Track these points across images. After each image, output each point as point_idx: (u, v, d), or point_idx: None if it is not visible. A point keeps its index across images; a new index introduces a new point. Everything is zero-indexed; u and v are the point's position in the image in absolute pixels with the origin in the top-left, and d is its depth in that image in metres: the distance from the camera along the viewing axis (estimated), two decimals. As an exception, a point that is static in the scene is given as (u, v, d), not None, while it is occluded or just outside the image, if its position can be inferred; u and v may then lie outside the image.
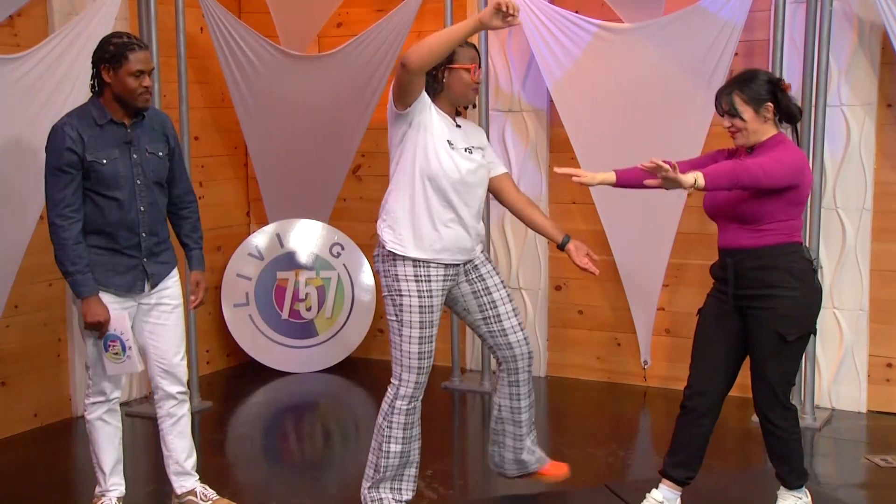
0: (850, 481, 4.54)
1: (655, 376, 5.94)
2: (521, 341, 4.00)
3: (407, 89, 3.62)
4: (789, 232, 3.65)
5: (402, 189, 3.76)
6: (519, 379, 4.03)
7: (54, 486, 4.56)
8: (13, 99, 4.67)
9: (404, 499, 3.94)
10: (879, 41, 5.14)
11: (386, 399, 3.89)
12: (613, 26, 5.49)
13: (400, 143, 3.75)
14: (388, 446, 3.86)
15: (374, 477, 3.92)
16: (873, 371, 5.40)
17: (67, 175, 3.75)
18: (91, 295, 3.78)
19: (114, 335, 3.88)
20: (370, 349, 6.53)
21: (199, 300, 4.17)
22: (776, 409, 3.71)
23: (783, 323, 3.62)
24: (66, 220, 3.76)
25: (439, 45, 3.48)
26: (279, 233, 6.49)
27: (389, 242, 3.79)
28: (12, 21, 5.04)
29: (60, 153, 3.74)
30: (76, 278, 3.78)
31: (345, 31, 6.41)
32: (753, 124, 3.66)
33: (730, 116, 3.68)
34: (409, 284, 3.76)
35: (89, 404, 3.98)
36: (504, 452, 4.13)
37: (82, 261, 3.78)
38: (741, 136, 3.69)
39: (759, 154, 3.64)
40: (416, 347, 3.79)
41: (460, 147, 3.78)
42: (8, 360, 5.15)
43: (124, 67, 3.75)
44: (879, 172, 5.29)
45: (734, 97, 3.67)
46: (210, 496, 4.11)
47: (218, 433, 5.36)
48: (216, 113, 6.39)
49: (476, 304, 3.95)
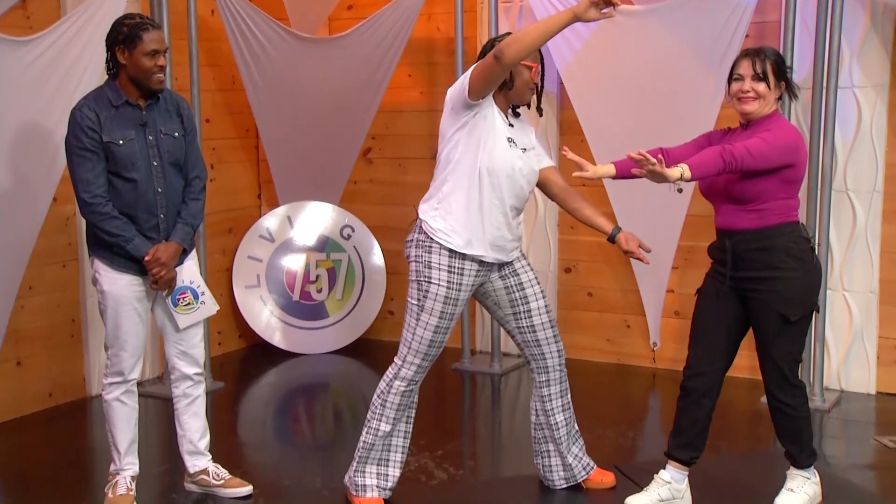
0: (860, 462, 4.56)
1: (665, 358, 5.96)
2: (551, 339, 3.95)
3: (492, 81, 3.54)
4: (786, 211, 3.63)
5: (461, 182, 3.68)
6: (549, 379, 3.98)
7: (69, 465, 4.59)
8: (26, 81, 4.68)
9: (388, 486, 3.92)
10: (892, 22, 5.14)
11: (385, 377, 3.87)
12: (625, 8, 5.37)
13: (459, 130, 3.66)
14: (379, 424, 3.85)
15: (357, 457, 3.91)
16: (883, 353, 5.40)
17: (93, 154, 3.78)
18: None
19: (183, 287, 3.97)
20: (381, 331, 6.58)
21: (154, 278, 3.86)
22: (785, 388, 3.72)
23: (786, 304, 3.62)
24: (101, 198, 3.80)
25: (536, 40, 3.39)
26: (290, 215, 6.52)
27: (438, 231, 3.71)
28: (25, 4, 5.05)
29: (82, 134, 3.77)
30: (135, 243, 3.82)
31: (355, 14, 6.43)
32: (771, 95, 3.63)
33: (757, 80, 3.62)
34: (441, 274, 3.71)
35: (107, 384, 4.00)
36: (548, 460, 4.07)
37: (130, 226, 3.83)
38: (756, 103, 3.63)
39: (754, 131, 3.62)
40: (430, 335, 3.76)
41: (519, 146, 3.74)
42: (23, 341, 5.18)
43: (139, 48, 3.76)
44: (890, 154, 5.27)
45: (768, 63, 3.62)
46: (222, 476, 4.15)
47: (230, 413, 5.41)
48: (227, 95, 6.42)
49: (508, 299, 3.91)
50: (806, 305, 3.67)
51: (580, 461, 4.08)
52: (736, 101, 3.71)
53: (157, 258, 3.84)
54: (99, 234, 3.85)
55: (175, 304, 3.98)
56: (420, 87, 6.48)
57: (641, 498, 3.84)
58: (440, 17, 6.27)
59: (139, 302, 3.93)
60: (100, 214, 3.80)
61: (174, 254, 3.92)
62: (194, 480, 4.16)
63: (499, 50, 3.39)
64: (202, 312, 4.05)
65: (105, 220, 3.80)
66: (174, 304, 3.98)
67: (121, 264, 3.87)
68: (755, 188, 3.58)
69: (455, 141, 3.68)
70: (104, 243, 3.86)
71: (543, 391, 3.99)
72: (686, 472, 3.86)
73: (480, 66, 3.52)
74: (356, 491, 3.90)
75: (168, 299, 3.98)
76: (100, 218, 3.81)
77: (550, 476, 4.08)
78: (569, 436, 4.04)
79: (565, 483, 4.07)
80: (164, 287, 3.91)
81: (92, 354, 5.47)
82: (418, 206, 3.84)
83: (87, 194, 3.79)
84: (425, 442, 4.65)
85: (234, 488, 4.13)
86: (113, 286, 3.89)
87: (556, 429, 4.00)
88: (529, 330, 3.92)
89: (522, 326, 3.93)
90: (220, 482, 4.13)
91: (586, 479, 4.09)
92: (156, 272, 3.85)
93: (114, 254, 3.87)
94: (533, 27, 3.43)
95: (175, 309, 3.99)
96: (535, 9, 5.64)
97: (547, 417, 4.00)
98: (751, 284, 3.67)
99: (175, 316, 4.00)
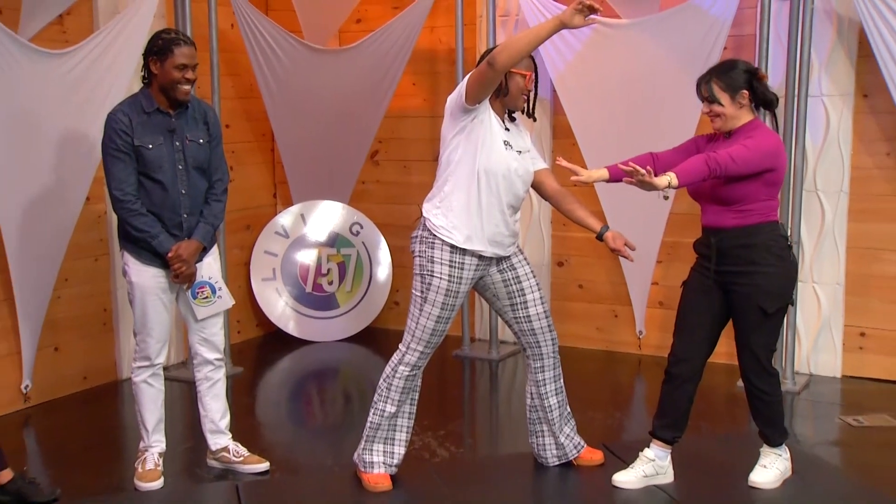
0: (826, 440, 4.58)
1: (650, 345, 5.96)
2: (546, 328, 3.93)
3: (487, 86, 3.54)
4: (767, 212, 3.68)
5: (461, 182, 3.68)
6: (544, 365, 3.97)
7: (102, 442, 4.64)
8: (62, 90, 4.73)
9: (394, 463, 3.91)
10: (856, 36, 5.15)
11: (390, 363, 3.86)
12: (612, 22, 5.48)
13: (458, 134, 3.66)
14: (385, 406, 3.84)
15: (365, 436, 3.90)
16: (848, 340, 5.42)
17: (125, 155, 3.83)
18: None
19: (202, 282, 4.00)
20: (387, 320, 6.56)
21: (175, 273, 3.93)
22: (761, 375, 3.76)
23: (764, 297, 3.66)
24: (131, 195, 3.85)
25: (525, 46, 3.40)
26: (303, 213, 6.50)
27: (440, 228, 3.72)
28: (62, 20, 5.08)
29: (116, 137, 3.82)
30: (159, 239, 3.87)
31: (364, 27, 6.41)
32: (730, 110, 3.66)
33: (708, 102, 3.69)
34: (443, 268, 3.71)
35: (135, 368, 4.05)
36: (542, 440, 4.06)
37: (157, 224, 3.88)
38: (719, 120, 3.70)
39: (736, 139, 3.66)
40: (433, 324, 3.76)
41: (514, 148, 3.74)
42: (60, 328, 5.20)
43: (170, 60, 3.81)
44: (856, 157, 5.30)
45: (713, 84, 3.67)
46: (241, 453, 4.19)
47: (248, 396, 5.41)
48: (245, 103, 6.40)
49: (505, 291, 3.89)
50: (782, 298, 3.70)
51: (571, 440, 4.08)
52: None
53: (179, 255, 3.89)
54: (128, 229, 3.89)
55: (194, 297, 4.02)
56: (423, 95, 6.48)
57: (627, 474, 3.87)
58: (442, 30, 6.27)
59: (164, 292, 3.97)
60: (129, 211, 3.86)
61: (195, 251, 3.95)
62: (216, 457, 4.20)
63: (491, 56, 3.42)
64: (219, 306, 4.08)
65: (133, 216, 3.86)
66: (193, 297, 4.01)
67: (147, 258, 3.91)
68: (739, 191, 3.61)
69: (455, 144, 3.68)
70: (132, 238, 3.90)
71: (538, 376, 3.99)
72: (669, 450, 3.89)
73: (476, 73, 3.53)
74: (364, 467, 3.90)
75: (188, 292, 4.01)
76: (129, 214, 3.86)
77: (544, 454, 4.08)
78: (561, 417, 4.04)
79: (558, 461, 4.07)
80: (184, 281, 3.95)
81: (122, 341, 5.48)
82: (422, 204, 3.85)
83: (118, 192, 3.85)
84: (429, 422, 4.66)
85: (253, 464, 4.16)
86: (140, 277, 3.93)
87: (549, 411, 4.00)
88: (525, 320, 3.91)
89: (519, 316, 3.92)
90: (239, 459, 4.17)
91: (577, 457, 4.09)
92: (177, 267, 3.90)
93: (141, 248, 3.90)
94: (523, 34, 3.44)
95: (194, 301, 4.02)
96: (529, 22, 5.63)
97: (541, 400, 4.00)
98: (733, 278, 3.70)
99: (194, 308, 4.03)
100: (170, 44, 3.84)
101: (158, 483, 4.02)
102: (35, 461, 4.47)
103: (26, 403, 5.06)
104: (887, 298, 5.32)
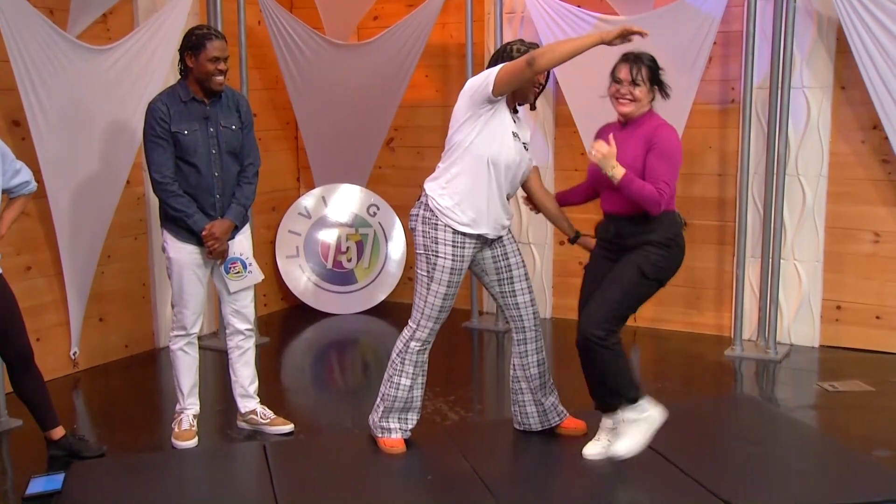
0: (805, 404, 4.61)
1: (644, 318, 5.95)
2: (528, 303, 3.88)
3: (518, 83, 3.49)
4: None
5: (470, 167, 3.62)
6: (526, 337, 3.91)
7: (143, 404, 4.70)
8: (106, 83, 4.77)
9: (409, 428, 3.89)
10: (835, 33, 5.16)
11: (401, 338, 3.82)
12: (610, 18, 5.48)
13: (472, 119, 3.57)
14: (400, 379, 3.81)
15: (382, 406, 3.86)
16: (826, 312, 5.44)
17: (164, 141, 3.86)
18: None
19: (234, 258, 4.03)
20: (402, 294, 6.52)
21: (209, 249, 3.95)
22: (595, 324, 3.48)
23: (645, 261, 3.53)
24: (169, 178, 3.88)
25: (566, 54, 3.34)
26: (324, 195, 6.53)
27: (445, 209, 3.66)
28: (105, 18, 5.11)
29: (155, 124, 3.85)
30: (195, 218, 3.90)
31: (380, 23, 6.41)
32: (646, 98, 3.56)
33: (633, 85, 3.52)
34: (447, 248, 3.67)
35: (173, 337, 4.09)
36: (525, 408, 3.98)
37: (192, 204, 3.91)
38: (634, 105, 3.54)
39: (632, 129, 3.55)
40: (440, 301, 3.72)
41: (521, 140, 3.70)
42: (104, 301, 5.26)
43: (203, 53, 3.84)
44: (834, 145, 5.31)
45: (644, 70, 3.53)
46: (269, 415, 4.23)
47: (274, 364, 5.44)
48: (271, 94, 6.41)
49: (493, 267, 3.84)
50: (661, 272, 3.56)
51: (555, 408, 4.00)
52: (614, 101, 3.60)
53: (212, 233, 3.92)
54: (166, 209, 3.93)
55: (227, 272, 4.04)
56: (435, 86, 6.47)
57: (594, 447, 3.72)
58: (453, 26, 6.27)
59: (199, 268, 4.00)
60: (167, 192, 3.89)
61: (227, 229, 3.98)
62: (245, 419, 4.25)
63: (531, 57, 3.34)
64: (249, 280, 4.10)
65: (171, 196, 3.89)
66: (226, 272, 4.04)
67: (184, 236, 3.95)
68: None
69: (468, 129, 3.59)
70: (170, 217, 3.94)
71: (521, 348, 3.93)
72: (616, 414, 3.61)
73: (510, 67, 3.44)
74: (381, 433, 3.88)
75: (221, 267, 4.05)
76: (167, 195, 3.89)
77: (526, 421, 3.99)
78: (544, 386, 3.97)
79: (540, 426, 3.98)
80: (217, 257, 3.98)
81: (160, 313, 5.53)
82: (424, 183, 3.78)
83: (157, 175, 3.88)
84: (440, 389, 4.69)
85: (279, 426, 4.19)
86: (177, 253, 3.97)
87: (531, 380, 3.93)
88: (511, 294, 3.87)
89: (505, 291, 3.87)
90: (266, 421, 4.20)
91: (559, 426, 4.00)
92: (210, 244, 3.93)
93: (178, 227, 3.94)
94: (566, 43, 3.37)
95: (227, 276, 4.05)
96: (534, 19, 5.66)
97: (524, 371, 3.94)
98: (626, 252, 3.59)
99: (227, 282, 4.06)
100: (203, 39, 3.86)
101: (193, 442, 4.06)
102: (83, 420, 4.55)
103: (75, 368, 5.12)
104: (861, 274, 5.33)
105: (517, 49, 3.67)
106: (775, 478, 3.60)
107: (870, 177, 5.28)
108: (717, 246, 5.73)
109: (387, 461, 3.83)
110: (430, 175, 3.79)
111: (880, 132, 5.12)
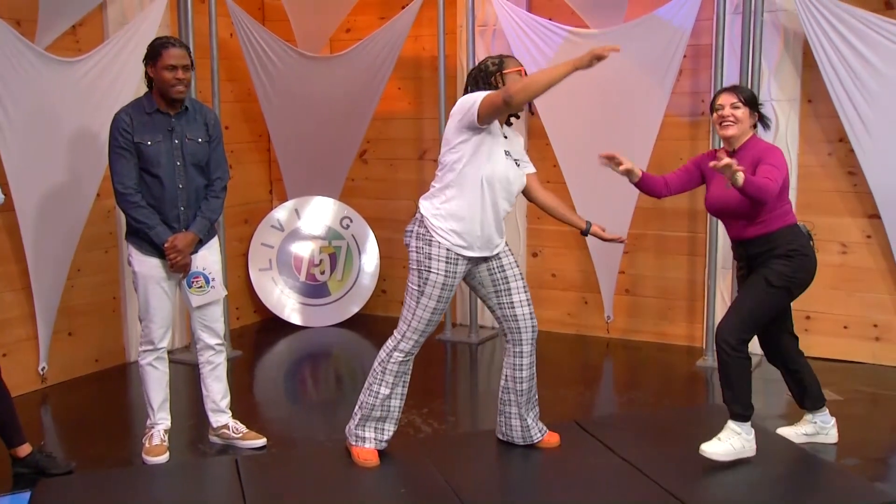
0: (775, 413, 4.61)
1: (617, 329, 6.00)
2: (527, 316, 3.87)
3: (499, 115, 3.57)
4: (784, 216, 3.74)
5: (464, 189, 3.64)
6: (522, 350, 3.90)
7: (113, 419, 4.65)
8: (76, 95, 4.74)
9: (384, 439, 3.89)
10: (801, 47, 5.21)
11: (385, 347, 3.83)
12: (581, 31, 5.51)
13: (464, 142, 3.60)
14: (379, 388, 3.81)
15: (360, 414, 3.86)
16: (795, 322, 5.27)
17: (126, 152, 3.84)
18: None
19: (196, 272, 3.98)
20: (375, 307, 6.53)
21: (170, 262, 3.92)
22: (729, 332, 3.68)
23: (770, 272, 3.70)
24: (132, 189, 3.85)
25: (542, 87, 3.38)
26: (297, 208, 6.51)
27: (439, 230, 3.68)
28: (75, 30, 5.08)
29: (118, 135, 3.84)
30: (157, 230, 3.87)
31: (353, 35, 6.42)
32: (747, 121, 3.74)
33: (734, 108, 3.71)
34: (440, 265, 3.68)
35: (141, 352, 4.05)
36: (510, 421, 3.99)
37: (154, 216, 3.88)
38: (737, 127, 3.72)
39: (742, 155, 3.71)
40: (429, 315, 3.73)
41: (513, 157, 3.73)
42: (74, 315, 5.23)
43: (160, 62, 3.83)
44: (802, 157, 5.35)
45: (742, 96, 3.73)
46: (241, 430, 4.20)
47: (247, 377, 5.41)
48: (244, 106, 6.41)
49: (490, 279, 3.84)
50: (790, 280, 3.71)
51: (536, 425, 4.02)
52: (718, 127, 3.77)
53: (174, 245, 3.88)
54: (129, 220, 3.91)
55: (189, 286, 4.00)
56: (408, 98, 6.48)
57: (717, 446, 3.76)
58: (425, 39, 6.28)
59: (164, 281, 3.96)
60: (129, 203, 3.86)
61: (190, 243, 3.94)
62: (217, 434, 4.22)
63: (510, 96, 3.39)
64: (211, 295, 4.05)
65: (133, 208, 3.86)
66: (188, 286, 4.00)
67: (147, 248, 3.92)
68: (758, 205, 3.63)
69: (460, 151, 3.62)
70: (134, 229, 3.91)
71: (515, 360, 3.92)
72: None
73: (490, 101, 3.49)
74: (356, 441, 3.87)
75: (184, 281, 4.01)
76: (129, 206, 3.86)
77: (510, 434, 4.01)
78: (528, 402, 3.98)
79: (522, 442, 4.00)
80: (179, 271, 3.94)
81: (130, 327, 5.49)
82: (419, 200, 3.79)
83: (120, 185, 3.85)
84: (413, 401, 4.60)
85: (251, 440, 4.17)
86: (142, 267, 3.94)
87: (520, 394, 3.94)
88: (509, 306, 3.86)
89: (503, 303, 3.86)
90: (238, 435, 4.18)
91: (540, 441, 4.03)
92: (172, 257, 3.89)
93: (141, 239, 3.90)
94: (541, 76, 3.40)
95: (189, 290, 4.01)
96: (506, 32, 5.68)
97: (515, 383, 3.93)
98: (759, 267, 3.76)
99: (189, 296, 4.03)
100: (159, 48, 3.86)
101: (164, 457, 4.03)
102: (51, 436, 4.49)
103: (43, 384, 5.07)
104: (829, 285, 5.36)
105: (492, 63, 3.72)
106: (746, 487, 3.61)
107: (837, 188, 5.33)
108: (689, 257, 5.76)
109: (360, 474, 3.80)
110: (425, 193, 3.81)
111: (846, 144, 5.17)
